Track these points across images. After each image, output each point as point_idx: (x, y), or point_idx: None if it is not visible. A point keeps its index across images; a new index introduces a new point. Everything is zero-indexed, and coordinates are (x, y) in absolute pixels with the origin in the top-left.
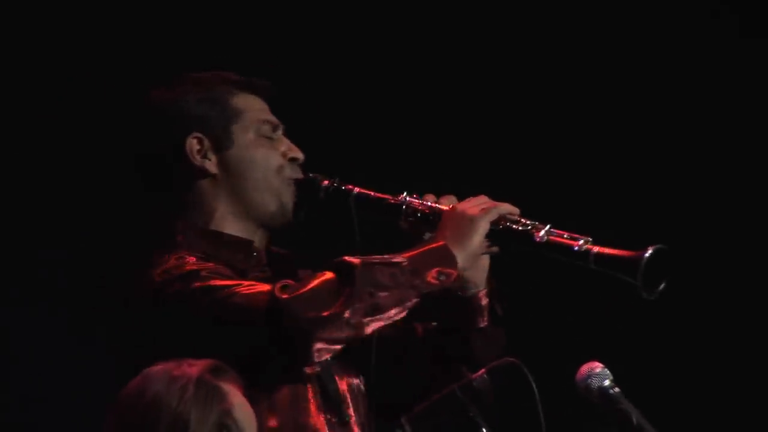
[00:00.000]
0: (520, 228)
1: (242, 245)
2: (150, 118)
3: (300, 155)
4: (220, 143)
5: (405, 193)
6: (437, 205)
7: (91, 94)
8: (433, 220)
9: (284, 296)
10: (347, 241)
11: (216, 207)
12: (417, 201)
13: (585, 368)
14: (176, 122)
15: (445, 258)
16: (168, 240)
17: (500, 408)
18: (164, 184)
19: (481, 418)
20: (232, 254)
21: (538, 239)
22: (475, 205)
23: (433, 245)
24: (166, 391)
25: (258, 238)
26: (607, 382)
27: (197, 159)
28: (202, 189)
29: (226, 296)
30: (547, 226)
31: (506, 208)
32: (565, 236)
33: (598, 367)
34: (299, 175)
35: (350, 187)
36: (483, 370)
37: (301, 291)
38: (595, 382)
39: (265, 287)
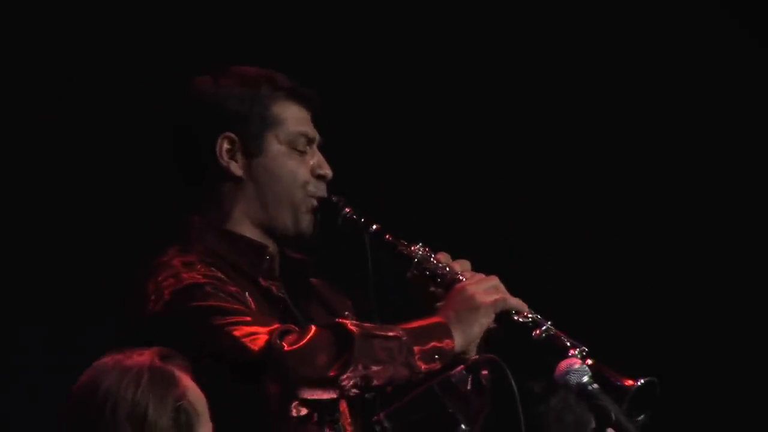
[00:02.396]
0: (520, 320)
1: (256, 249)
2: (190, 107)
3: (328, 172)
4: (251, 148)
5: (420, 245)
6: (449, 269)
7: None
8: (441, 282)
9: (283, 346)
10: (360, 272)
11: (234, 208)
12: (430, 258)
13: (564, 364)
14: (213, 117)
15: (444, 337)
16: (183, 234)
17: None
18: (193, 175)
19: (459, 414)
20: (244, 256)
21: (535, 336)
22: (486, 289)
23: (435, 321)
24: (119, 382)
25: (272, 246)
26: (585, 379)
27: (224, 159)
28: (223, 188)
29: (226, 324)
30: (548, 324)
31: (515, 303)
32: (564, 339)
33: (576, 363)
34: (323, 193)
35: (366, 221)
36: (461, 366)
37: (300, 345)
38: (573, 379)
39: (266, 327)
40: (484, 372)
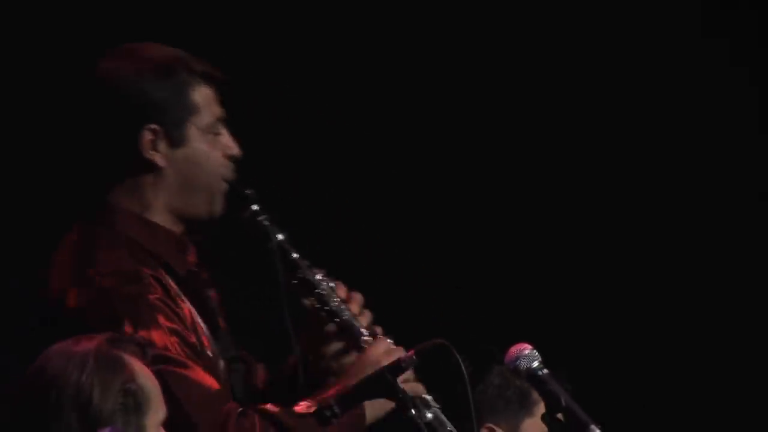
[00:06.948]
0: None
1: (176, 240)
2: (105, 95)
3: (236, 152)
4: (174, 139)
5: (322, 274)
6: (349, 314)
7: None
8: (338, 324)
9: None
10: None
11: (154, 198)
12: (333, 296)
13: (514, 350)
14: (133, 106)
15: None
16: (98, 215)
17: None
18: (109, 164)
19: (409, 398)
20: (166, 247)
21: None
22: (384, 351)
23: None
24: (64, 367)
25: (180, 230)
26: (535, 364)
27: (147, 151)
28: (144, 178)
29: (183, 377)
30: (434, 411)
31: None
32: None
33: (527, 348)
34: (233, 175)
35: (270, 224)
36: (412, 350)
37: None
38: (523, 364)
39: (230, 405)
40: None
